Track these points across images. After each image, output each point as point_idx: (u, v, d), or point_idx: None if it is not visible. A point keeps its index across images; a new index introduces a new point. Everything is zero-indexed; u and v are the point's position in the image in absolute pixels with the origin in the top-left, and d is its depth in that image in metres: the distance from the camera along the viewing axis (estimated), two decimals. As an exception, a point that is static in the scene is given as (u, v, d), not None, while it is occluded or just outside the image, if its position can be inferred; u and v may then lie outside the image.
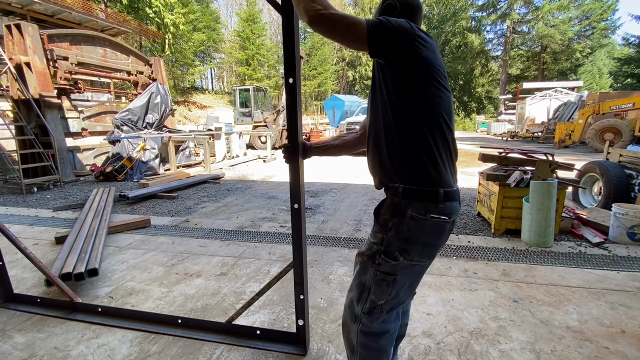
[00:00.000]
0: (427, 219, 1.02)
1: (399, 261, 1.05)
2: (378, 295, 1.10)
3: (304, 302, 1.59)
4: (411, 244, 1.04)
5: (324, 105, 22.28)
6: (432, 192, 1.02)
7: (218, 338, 1.76)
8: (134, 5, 20.04)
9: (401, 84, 1.02)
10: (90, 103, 8.30)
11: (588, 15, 28.33)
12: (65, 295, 2.06)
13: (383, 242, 1.07)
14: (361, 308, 1.14)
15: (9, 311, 2.05)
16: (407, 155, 1.03)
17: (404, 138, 1.03)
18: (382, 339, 1.15)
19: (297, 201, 1.47)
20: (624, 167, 3.86)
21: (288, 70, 1.36)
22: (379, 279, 1.09)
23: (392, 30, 0.96)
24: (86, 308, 2.02)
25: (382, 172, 1.11)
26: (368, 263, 1.11)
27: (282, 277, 1.70)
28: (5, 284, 2.14)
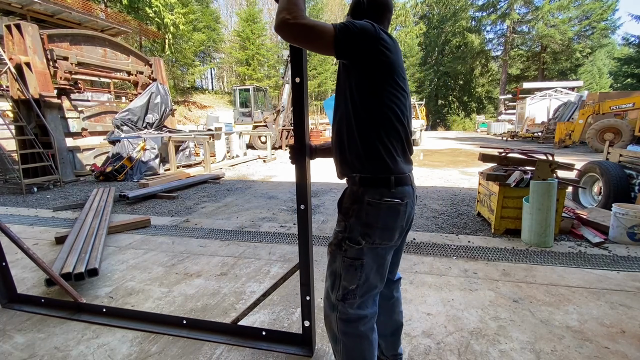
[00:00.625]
0: (382, 203, 1.12)
1: (362, 245, 1.14)
2: (349, 281, 1.17)
3: (311, 303, 1.58)
4: (371, 227, 1.13)
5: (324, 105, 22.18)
6: (384, 179, 1.12)
7: (223, 339, 1.75)
8: (134, 5, 20.04)
9: (363, 84, 1.09)
10: (90, 103, 8.31)
11: (588, 15, 28.34)
12: (69, 295, 2.06)
13: (346, 229, 1.16)
14: (335, 295, 1.20)
15: (10, 311, 2.05)
16: (364, 148, 1.12)
17: (362, 133, 1.12)
18: (360, 324, 1.19)
19: (303, 202, 1.46)
20: (624, 167, 3.86)
21: (295, 70, 1.35)
22: (347, 265, 1.16)
23: (355, 33, 1.02)
24: (90, 308, 2.02)
25: (343, 164, 1.20)
26: (336, 251, 1.19)
27: (285, 278, 1.69)
28: (8, 284, 2.14)
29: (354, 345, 1.20)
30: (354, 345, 1.21)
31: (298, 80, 1.36)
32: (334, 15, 39.75)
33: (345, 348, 1.21)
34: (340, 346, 1.22)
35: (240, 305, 2.11)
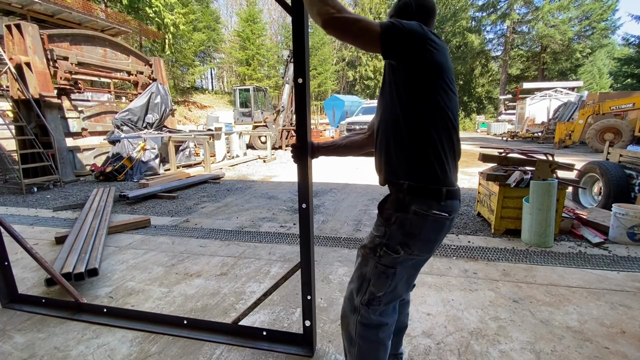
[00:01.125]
0: (429, 215, 1.06)
1: (400, 254, 1.10)
2: (377, 287, 1.14)
3: (312, 303, 1.58)
4: (412, 238, 1.08)
5: (324, 105, 22.29)
6: (435, 190, 1.06)
7: (224, 339, 1.75)
8: (134, 5, 20.04)
9: (411, 86, 1.05)
10: (90, 103, 8.30)
11: (588, 15, 28.32)
12: (70, 295, 2.05)
13: (385, 235, 1.11)
14: (360, 299, 1.17)
15: (9, 311, 2.05)
16: (414, 154, 1.07)
17: (412, 137, 1.06)
18: (380, 331, 1.18)
19: (305, 201, 1.46)
20: (624, 167, 3.86)
21: (298, 71, 1.35)
22: (379, 271, 1.13)
23: (404, 33, 0.99)
24: (91, 309, 2.02)
25: (388, 169, 1.15)
26: (369, 255, 1.15)
27: (286, 277, 1.69)
28: (10, 284, 2.13)
29: (370, 350, 1.19)
30: (370, 351, 1.19)
31: (301, 80, 1.35)
32: (334, 16, 39.75)
33: (360, 352, 1.20)
34: (355, 349, 1.21)
35: (240, 305, 2.11)
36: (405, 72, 1.05)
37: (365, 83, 37.32)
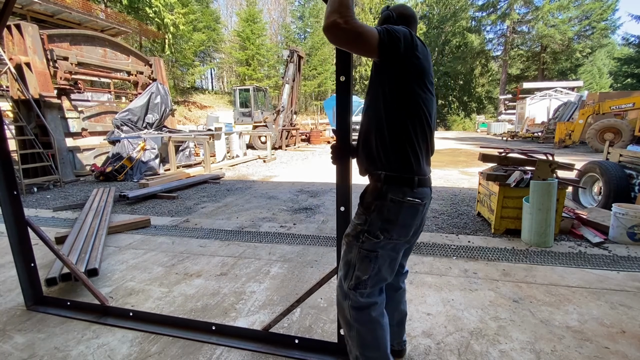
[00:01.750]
0: (405, 202, 1.18)
1: (380, 239, 1.20)
2: (362, 271, 1.24)
3: None
4: (391, 223, 1.19)
5: (324, 105, 22.28)
6: (409, 179, 1.18)
7: (254, 346, 1.69)
8: (134, 5, 20.03)
9: (396, 86, 1.15)
10: (90, 103, 8.30)
11: (588, 15, 28.33)
12: (96, 298, 2.02)
13: (366, 222, 1.22)
14: (348, 284, 1.27)
15: (9, 311, 2.05)
16: (393, 147, 1.18)
17: (392, 132, 1.18)
18: (371, 310, 1.26)
19: (344, 204, 1.42)
20: (624, 167, 3.86)
21: (340, 68, 1.31)
22: (362, 256, 1.23)
23: (398, 38, 1.08)
24: (117, 312, 1.98)
25: (369, 161, 1.26)
26: (353, 242, 1.25)
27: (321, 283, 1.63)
28: (35, 286, 2.11)
29: (367, 330, 1.27)
30: (367, 331, 1.27)
31: (343, 78, 1.31)
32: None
33: (359, 334, 1.27)
34: (354, 332, 1.28)
35: (240, 305, 2.11)
36: (391, 73, 1.15)
37: (365, 83, 37.24)
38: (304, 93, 33.37)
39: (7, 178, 1.95)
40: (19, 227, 2.01)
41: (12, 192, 1.97)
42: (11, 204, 1.97)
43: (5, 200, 1.95)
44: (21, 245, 2.03)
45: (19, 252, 2.03)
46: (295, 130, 15.17)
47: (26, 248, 2.05)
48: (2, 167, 1.93)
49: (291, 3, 37.78)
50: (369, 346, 1.27)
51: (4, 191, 1.95)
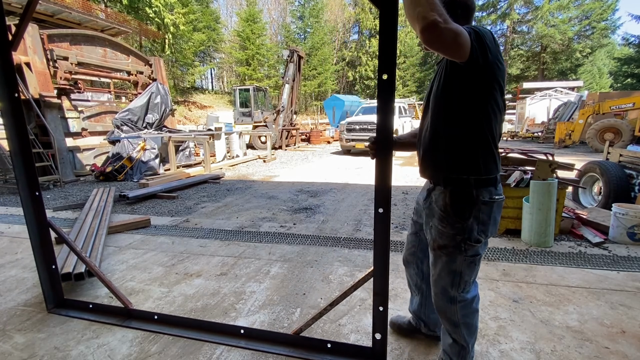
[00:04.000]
0: (495, 201, 1.24)
1: (481, 242, 1.25)
2: (470, 275, 1.30)
3: (385, 315, 1.47)
4: (487, 224, 1.24)
5: (324, 105, 22.28)
6: (493, 179, 1.23)
7: (284, 350, 1.65)
8: (134, 5, 20.03)
9: (480, 91, 1.14)
10: (90, 103, 8.30)
11: (588, 15, 28.33)
12: (119, 301, 1.98)
13: (465, 230, 1.23)
14: (457, 290, 1.31)
15: (9, 311, 2.05)
16: (479, 151, 1.20)
17: (476, 137, 1.18)
18: (475, 302, 1.35)
19: (383, 205, 1.37)
20: (624, 167, 3.86)
21: (384, 65, 1.25)
22: (468, 262, 1.27)
23: (488, 45, 1.08)
24: (141, 315, 1.94)
25: (449, 166, 1.24)
26: (455, 252, 1.26)
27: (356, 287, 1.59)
28: (56, 288, 2.08)
29: (472, 320, 1.35)
30: (472, 321, 1.35)
31: (386, 76, 1.25)
32: (334, 16, 39.75)
33: (466, 327, 1.34)
34: (460, 328, 1.34)
35: (240, 305, 2.11)
36: (475, 78, 1.12)
37: (365, 83, 37.30)
38: (304, 93, 33.36)
39: (29, 178, 1.91)
40: (41, 228, 1.98)
41: (34, 193, 1.93)
42: (33, 205, 1.94)
43: (27, 201, 1.92)
44: (42, 247, 1.99)
45: (41, 254, 1.99)
46: (295, 130, 15.17)
47: (48, 250, 2.01)
48: (24, 167, 1.89)
49: (291, 3, 37.76)
50: (473, 332, 1.37)
51: (25, 191, 1.91)
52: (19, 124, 1.87)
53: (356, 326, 1.87)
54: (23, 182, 1.90)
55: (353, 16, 39.40)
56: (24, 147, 1.89)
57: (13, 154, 1.87)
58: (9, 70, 1.83)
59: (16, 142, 1.87)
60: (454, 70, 1.15)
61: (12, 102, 1.84)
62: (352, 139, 10.81)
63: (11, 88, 1.84)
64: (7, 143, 1.87)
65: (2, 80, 1.81)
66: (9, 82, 1.83)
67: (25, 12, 1.78)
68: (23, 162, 1.89)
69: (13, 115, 1.85)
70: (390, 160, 1.34)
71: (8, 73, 1.82)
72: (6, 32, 1.79)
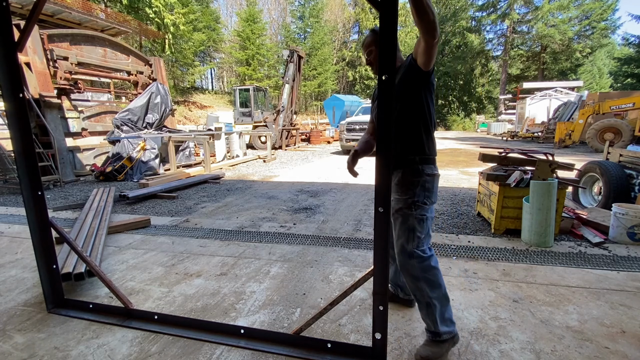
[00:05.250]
0: (435, 174, 1.64)
1: (427, 205, 1.61)
2: (420, 231, 1.59)
3: (385, 314, 1.48)
4: (430, 191, 1.62)
5: (324, 105, 22.28)
6: (434, 158, 1.66)
7: (284, 350, 1.65)
8: (134, 5, 20.03)
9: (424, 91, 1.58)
10: (90, 103, 8.30)
11: (588, 15, 28.31)
12: (120, 301, 1.97)
13: (415, 195, 1.59)
14: (412, 245, 1.58)
15: (9, 311, 2.05)
16: (422, 136, 1.61)
17: (420, 125, 1.60)
18: (431, 260, 1.59)
19: (382, 204, 1.40)
20: (624, 167, 3.86)
21: (384, 66, 1.28)
22: (418, 219, 1.59)
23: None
24: (141, 315, 1.94)
25: (405, 149, 1.61)
26: (408, 212, 1.59)
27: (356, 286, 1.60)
28: (57, 288, 2.07)
29: (432, 276, 1.57)
30: (432, 277, 1.57)
31: (385, 77, 1.29)
32: (334, 16, 39.75)
33: (427, 281, 1.56)
34: (422, 282, 1.56)
35: (240, 305, 2.11)
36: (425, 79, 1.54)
37: (365, 83, 37.30)
38: (304, 93, 33.36)
39: (31, 178, 1.90)
40: (42, 228, 1.97)
41: (36, 193, 1.92)
42: (35, 205, 1.93)
43: (29, 201, 1.91)
44: (44, 247, 1.99)
45: (42, 253, 1.98)
46: (295, 130, 15.17)
47: (49, 250, 2.01)
48: (27, 167, 1.88)
49: (291, 3, 37.76)
50: (435, 288, 1.57)
51: (28, 191, 1.90)
52: (23, 125, 1.86)
53: (356, 326, 1.87)
54: (26, 182, 1.89)
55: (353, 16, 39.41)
56: (27, 147, 1.88)
57: (17, 154, 1.86)
58: (15, 71, 1.82)
59: (20, 142, 1.86)
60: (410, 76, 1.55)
61: (17, 103, 1.83)
62: (352, 139, 10.80)
63: (17, 88, 1.83)
64: (11, 143, 1.86)
65: (8, 80, 1.81)
66: (15, 82, 1.83)
67: (32, 14, 1.77)
68: (26, 162, 1.89)
69: (18, 116, 1.84)
70: (390, 160, 1.36)
71: (14, 74, 1.82)
72: (12, 33, 1.79)
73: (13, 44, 1.79)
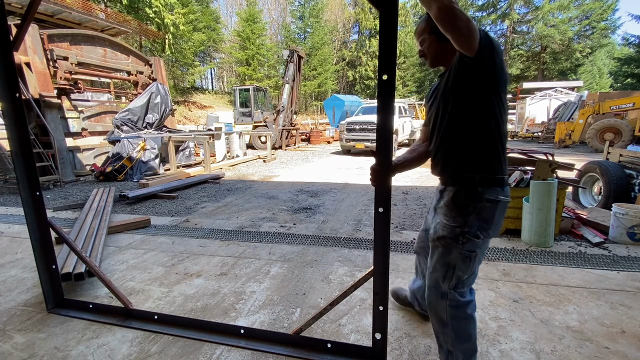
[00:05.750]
0: (499, 201, 1.27)
1: (480, 239, 1.27)
2: (463, 271, 1.31)
3: (384, 314, 1.47)
4: (488, 222, 1.28)
5: (324, 105, 22.28)
6: (500, 179, 1.27)
7: (284, 350, 1.65)
8: (134, 5, 20.04)
9: (481, 91, 1.21)
10: (90, 103, 8.30)
11: (588, 15, 28.32)
12: (119, 301, 1.97)
13: (465, 224, 1.27)
14: (447, 285, 1.33)
15: (9, 311, 2.05)
16: (485, 151, 1.26)
17: (482, 137, 1.24)
18: (468, 308, 1.34)
19: (382, 204, 1.39)
20: (624, 167, 3.86)
21: (384, 65, 1.25)
22: (464, 257, 1.29)
23: (495, 44, 1.15)
24: (141, 315, 1.94)
25: (456, 166, 1.31)
26: (452, 244, 1.30)
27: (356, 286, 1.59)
28: (57, 288, 2.07)
29: (463, 326, 1.34)
30: (463, 327, 1.34)
31: (386, 77, 1.26)
32: (334, 16, 39.76)
33: (454, 330, 1.34)
34: (449, 329, 1.34)
35: (240, 305, 2.11)
36: (481, 77, 1.18)
37: (366, 83, 37.30)
38: (304, 93, 33.37)
39: (29, 178, 1.90)
40: (41, 228, 1.97)
41: (34, 193, 1.92)
42: (34, 205, 1.93)
43: (27, 201, 1.91)
44: (43, 247, 1.99)
45: (41, 254, 1.98)
46: (295, 130, 15.17)
47: (48, 250, 2.00)
48: (25, 168, 1.88)
49: (291, 3, 37.76)
50: (464, 340, 1.35)
51: (26, 191, 1.90)
52: (20, 125, 1.86)
53: (356, 326, 1.87)
54: (24, 182, 1.89)
55: (353, 16, 39.41)
56: (25, 148, 1.88)
57: (14, 154, 1.86)
58: (11, 71, 1.82)
59: (17, 142, 1.86)
60: (462, 71, 1.20)
61: (13, 103, 1.84)
62: (352, 139, 10.80)
63: (12, 88, 1.83)
64: (8, 143, 1.86)
65: (4, 80, 1.80)
66: (11, 82, 1.82)
67: (27, 12, 1.77)
68: (24, 162, 1.89)
69: (14, 116, 1.84)
70: (390, 160, 1.36)
71: (9, 73, 1.82)
72: (8, 32, 1.78)
73: (9, 44, 1.78)
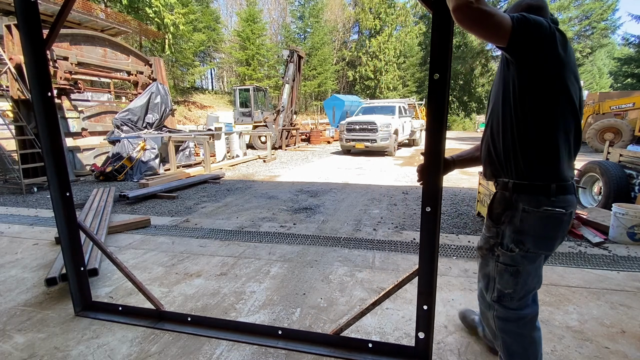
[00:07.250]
0: (540, 212, 1.07)
1: (515, 252, 1.13)
2: (503, 285, 1.20)
3: (430, 314, 1.44)
4: (524, 235, 1.11)
5: (324, 105, 22.27)
6: (543, 187, 1.07)
7: (324, 351, 1.62)
8: (134, 5, 20.02)
9: (527, 83, 1.04)
10: (90, 103, 8.30)
11: (588, 15, 28.31)
12: (151, 303, 1.93)
13: (498, 235, 1.17)
14: (490, 296, 1.26)
15: (9, 311, 2.05)
16: (522, 152, 1.08)
17: (518, 138, 1.07)
18: (519, 324, 1.21)
19: (430, 204, 1.35)
20: (624, 167, 3.86)
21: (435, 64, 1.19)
22: (500, 270, 1.19)
23: (532, 25, 0.96)
24: (174, 317, 1.89)
25: (493, 165, 1.18)
26: (488, 255, 1.23)
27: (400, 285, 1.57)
28: (84, 290, 2.02)
29: (514, 341, 1.24)
30: (514, 342, 1.24)
31: (437, 76, 1.20)
32: (334, 16, 39.75)
33: (504, 344, 1.26)
34: (500, 342, 1.28)
35: (240, 305, 2.11)
36: (524, 69, 1.03)
37: (365, 83, 37.26)
38: (304, 93, 33.36)
39: (60, 178, 1.86)
40: (71, 230, 1.93)
41: (64, 193, 1.88)
42: (64, 206, 1.89)
43: (57, 202, 1.87)
44: (72, 249, 1.95)
45: (71, 256, 1.94)
46: (295, 130, 15.17)
47: (77, 252, 1.97)
48: (55, 167, 1.84)
49: (291, 3, 37.75)
50: (514, 356, 1.25)
51: (56, 192, 1.85)
52: (51, 124, 1.80)
53: (356, 326, 1.87)
54: (54, 183, 1.84)
55: (353, 16, 39.37)
56: (56, 147, 1.82)
57: (45, 154, 1.81)
58: (44, 69, 1.76)
59: (48, 141, 1.80)
60: (506, 67, 1.09)
61: (45, 101, 1.78)
62: (352, 139, 10.81)
63: (45, 87, 1.77)
64: (40, 142, 1.78)
65: (36, 78, 1.74)
66: (43, 80, 1.76)
67: (62, 10, 1.73)
68: (54, 162, 1.83)
69: (46, 114, 1.78)
70: (442, 157, 1.28)
71: (42, 71, 1.76)
72: (41, 30, 1.73)
73: (42, 41, 1.73)
